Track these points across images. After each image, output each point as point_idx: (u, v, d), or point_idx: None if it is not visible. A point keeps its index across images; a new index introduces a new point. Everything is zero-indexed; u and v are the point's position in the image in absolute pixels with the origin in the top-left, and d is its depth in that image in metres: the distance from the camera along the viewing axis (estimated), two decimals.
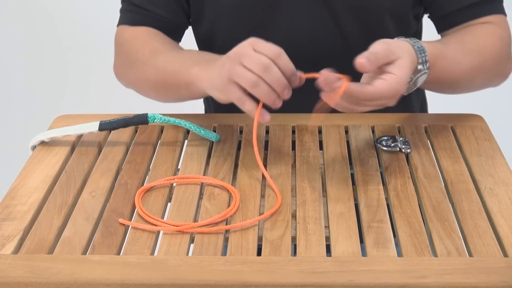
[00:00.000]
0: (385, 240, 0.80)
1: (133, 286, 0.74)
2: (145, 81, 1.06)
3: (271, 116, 1.06)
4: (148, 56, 1.05)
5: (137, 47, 1.08)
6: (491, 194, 0.88)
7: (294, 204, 0.87)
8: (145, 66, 1.05)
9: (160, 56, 1.04)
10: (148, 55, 1.05)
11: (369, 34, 1.09)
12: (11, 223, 0.83)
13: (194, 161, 0.97)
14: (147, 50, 1.06)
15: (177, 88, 1.01)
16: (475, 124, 1.05)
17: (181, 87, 1.00)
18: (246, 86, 0.86)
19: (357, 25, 1.07)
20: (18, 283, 0.74)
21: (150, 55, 1.05)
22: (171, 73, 1.00)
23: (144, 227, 0.82)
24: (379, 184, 0.91)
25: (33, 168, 0.95)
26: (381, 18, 1.07)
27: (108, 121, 1.00)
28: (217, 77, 0.90)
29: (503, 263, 0.76)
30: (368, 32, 1.08)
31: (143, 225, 0.82)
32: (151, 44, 1.07)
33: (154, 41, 1.08)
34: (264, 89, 0.86)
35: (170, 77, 1.01)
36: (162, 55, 1.04)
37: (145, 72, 1.05)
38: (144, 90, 1.09)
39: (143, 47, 1.07)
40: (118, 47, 1.12)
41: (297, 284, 0.73)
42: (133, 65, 1.08)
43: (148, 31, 1.10)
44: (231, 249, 0.79)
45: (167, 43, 1.09)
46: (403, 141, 0.99)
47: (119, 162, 0.97)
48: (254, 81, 0.86)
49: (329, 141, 1.01)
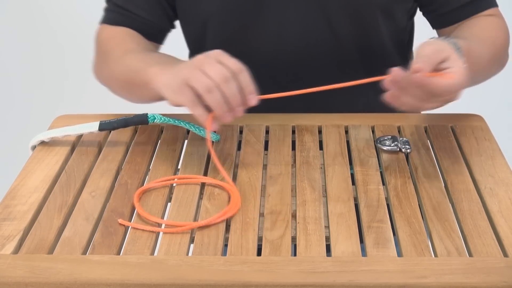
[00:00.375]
0: (385, 240, 0.80)
1: (133, 286, 0.74)
2: (114, 79, 1.07)
3: (271, 116, 1.06)
4: (120, 55, 1.05)
5: (112, 46, 1.08)
6: (491, 194, 0.88)
7: (294, 204, 0.87)
8: (115, 64, 1.05)
9: (130, 55, 1.04)
10: (120, 54, 1.05)
11: (361, 33, 1.09)
12: (11, 223, 0.83)
13: (194, 161, 0.97)
14: (120, 49, 1.06)
15: (139, 87, 1.00)
16: (475, 124, 1.05)
17: (141, 86, 0.98)
18: (200, 90, 0.85)
19: (349, 24, 1.07)
20: (18, 283, 0.74)
21: (121, 54, 1.05)
22: (134, 71, 1.00)
23: (144, 228, 0.82)
24: (379, 184, 0.91)
25: (33, 168, 0.95)
26: (374, 16, 1.07)
27: (108, 121, 1.00)
28: (173, 78, 0.89)
29: (503, 263, 0.76)
30: (360, 31, 1.08)
31: (143, 226, 0.82)
32: (125, 44, 1.08)
33: (129, 42, 1.08)
34: (218, 97, 0.85)
35: (133, 75, 1.00)
36: (132, 55, 1.04)
37: (114, 70, 1.05)
38: (115, 89, 1.09)
39: (117, 46, 1.07)
40: (96, 46, 1.12)
41: (297, 284, 0.73)
42: (105, 64, 1.08)
43: (126, 32, 1.11)
44: (231, 249, 0.79)
45: (142, 45, 1.09)
46: (403, 141, 0.99)
47: (119, 162, 0.97)
48: (210, 86, 0.85)
49: (329, 141, 1.01)
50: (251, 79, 0.87)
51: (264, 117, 1.07)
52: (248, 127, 1.05)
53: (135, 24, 1.11)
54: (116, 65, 1.05)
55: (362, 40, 1.09)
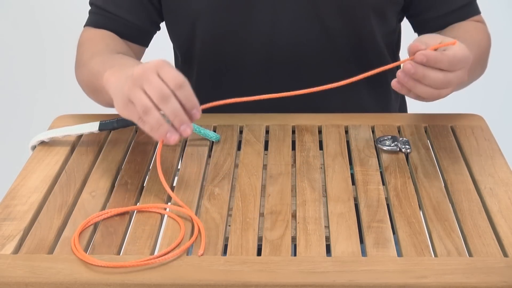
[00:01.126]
0: (385, 240, 0.80)
1: (133, 286, 0.74)
2: (82, 82, 1.07)
3: (271, 116, 1.06)
4: (87, 58, 1.05)
5: (84, 48, 1.08)
6: (491, 194, 0.88)
7: (294, 204, 0.87)
8: (82, 68, 1.05)
9: (95, 58, 1.03)
10: (88, 56, 1.05)
11: (354, 33, 1.09)
12: (11, 223, 0.83)
13: (194, 161, 0.97)
14: (90, 51, 1.06)
15: (100, 91, 0.98)
16: (475, 124, 1.05)
17: (100, 90, 0.97)
18: (139, 110, 0.82)
19: (342, 24, 1.07)
20: (18, 283, 0.74)
21: (89, 57, 1.04)
22: (95, 75, 0.99)
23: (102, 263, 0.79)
24: (379, 184, 0.91)
25: (33, 168, 0.95)
26: (367, 16, 1.08)
27: (108, 121, 1.00)
28: (119, 92, 0.86)
29: (503, 263, 0.76)
30: (353, 31, 1.08)
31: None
32: (96, 45, 1.07)
33: (100, 43, 1.08)
34: (154, 119, 0.82)
35: (93, 79, 1.00)
36: (97, 57, 1.03)
37: (81, 73, 1.06)
38: (85, 92, 1.08)
39: (89, 48, 1.07)
40: (77, 49, 1.11)
41: (297, 284, 0.73)
42: (77, 66, 1.08)
43: (103, 34, 1.10)
44: (231, 249, 0.79)
45: (111, 46, 1.07)
46: (403, 141, 0.99)
47: (119, 162, 0.97)
48: (147, 107, 0.81)
49: (329, 141, 1.01)
50: (192, 92, 0.84)
51: (264, 117, 1.07)
52: (248, 127, 1.05)
53: (116, 26, 1.10)
54: (83, 68, 1.05)
55: (355, 40, 1.09)
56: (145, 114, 0.82)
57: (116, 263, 0.76)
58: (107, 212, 0.85)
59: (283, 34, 1.07)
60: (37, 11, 3.16)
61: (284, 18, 1.07)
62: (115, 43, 1.09)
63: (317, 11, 1.06)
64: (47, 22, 3.11)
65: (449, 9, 1.10)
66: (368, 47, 1.11)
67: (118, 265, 0.75)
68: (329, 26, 1.07)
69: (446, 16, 1.11)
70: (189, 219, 0.84)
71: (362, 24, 1.08)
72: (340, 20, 1.07)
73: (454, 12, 1.11)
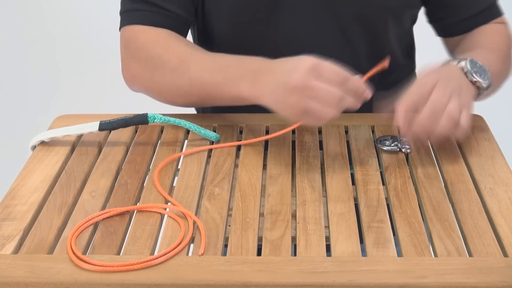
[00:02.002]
0: (385, 240, 0.80)
1: (133, 286, 0.74)
2: (175, 90, 1.01)
3: (271, 116, 1.06)
4: (176, 62, 1.00)
5: (159, 51, 1.02)
6: (491, 194, 0.88)
7: (294, 204, 0.87)
8: (174, 74, 1.00)
9: (191, 63, 0.99)
10: (176, 61, 1.00)
11: (371, 36, 1.09)
12: (11, 223, 0.83)
13: (194, 161, 0.97)
14: (173, 55, 1.01)
15: (220, 100, 0.98)
16: (475, 124, 1.05)
17: (224, 99, 0.97)
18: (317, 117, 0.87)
19: (360, 27, 1.07)
20: (18, 283, 0.74)
21: (178, 62, 1.00)
22: (211, 85, 0.97)
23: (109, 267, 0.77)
24: (379, 184, 0.91)
25: (33, 168, 0.95)
26: (385, 20, 1.07)
27: (108, 121, 1.00)
28: (283, 105, 0.88)
29: (503, 263, 0.76)
30: (370, 34, 1.08)
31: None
32: (175, 48, 1.02)
33: (178, 44, 1.03)
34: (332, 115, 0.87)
35: (210, 89, 0.97)
36: (194, 63, 0.99)
37: (175, 80, 1.00)
38: (170, 98, 1.04)
39: (167, 51, 1.01)
40: (133, 51, 1.04)
41: (297, 284, 0.73)
42: (156, 72, 1.02)
43: (166, 33, 1.05)
44: (231, 249, 0.79)
45: (190, 46, 1.04)
46: (403, 141, 0.99)
47: (119, 162, 0.97)
48: (327, 114, 0.86)
49: (329, 141, 1.01)
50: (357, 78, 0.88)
51: (264, 117, 1.06)
52: (248, 127, 1.05)
53: (167, 20, 1.06)
54: (176, 76, 1.00)
55: (373, 45, 1.09)
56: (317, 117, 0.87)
57: (115, 263, 0.76)
58: (103, 212, 0.85)
59: (303, 36, 1.07)
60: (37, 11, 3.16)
61: (303, 20, 1.06)
62: (190, 42, 1.06)
63: (334, 13, 1.06)
64: (48, 22, 3.11)
65: (472, 12, 1.10)
66: (385, 48, 1.10)
67: (117, 265, 0.75)
68: (346, 29, 1.07)
69: (469, 20, 1.10)
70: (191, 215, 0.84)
71: (379, 27, 1.08)
72: (356, 23, 1.07)
73: (477, 15, 1.10)
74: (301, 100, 0.85)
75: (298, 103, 0.86)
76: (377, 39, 1.09)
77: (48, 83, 2.88)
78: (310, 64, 0.86)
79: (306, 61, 0.86)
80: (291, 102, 0.86)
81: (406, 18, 1.11)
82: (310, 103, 0.85)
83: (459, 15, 1.10)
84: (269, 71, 0.91)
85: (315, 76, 0.85)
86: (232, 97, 0.96)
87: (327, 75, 0.86)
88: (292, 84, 0.86)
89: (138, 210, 0.86)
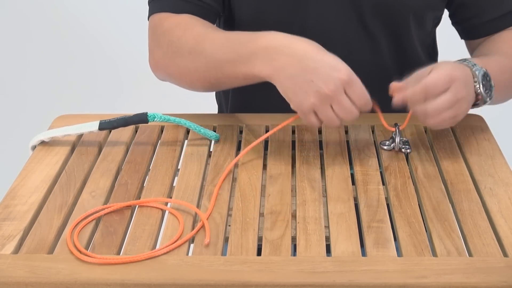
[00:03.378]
0: (385, 240, 0.80)
1: (133, 286, 0.74)
2: (193, 71, 1.00)
3: (271, 116, 1.06)
4: (193, 43, 0.99)
5: (179, 34, 1.01)
6: (491, 194, 0.88)
7: (294, 204, 0.87)
8: (191, 55, 0.99)
9: (206, 42, 0.98)
10: (192, 41, 0.99)
11: (393, 34, 1.08)
12: (11, 223, 0.83)
13: (194, 161, 0.97)
14: (190, 36, 1.00)
15: (234, 79, 0.97)
16: (475, 124, 1.05)
17: (238, 78, 0.96)
18: (321, 119, 0.90)
19: (382, 24, 1.07)
20: (18, 283, 0.74)
21: (194, 42, 0.99)
22: (225, 63, 0.96)
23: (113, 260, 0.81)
24: (379, 184, 0.91)
25: (33, 168, 0.95)
26: (406, 18, 1.07)
27: (108, 121, 1.00)
28: (299, 100, 0.89)
29: (503, 263, 0.76)
30: (392, 32, 1.08)
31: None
32: (193, 29, 1.01)
33: (196, 26, 1.01)
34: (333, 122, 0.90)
35: (224, 67, 0.96)
36: (209, 41, 0.98)
37: (194, 61, 0.99)
38: (189, 81, 1.03)
39: (185, 33, 1.00)
40: (158, 37, 1.04)
41: (297, 284, 0.73)
42: (176, 55, 1.01)
43: (189, 18, 1.04)
44: (231, 249, 0.79)
45: (208, 26, 1.02)
46: (403, 141, 0.99)
47: (119, 162, 0.97)
48: (332, 121, 0.89)
49: (329, 141, 1.01)
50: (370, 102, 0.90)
51: (264, 117, 1.07)
52: (248, 127, 1.05)
53: (194, 8, 1.05)
54: (194, 56, 0.99)
55: (393, 39, 1.09)
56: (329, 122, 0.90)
57: (117, 257, 0.76)
58: (105, 207, 0.85)
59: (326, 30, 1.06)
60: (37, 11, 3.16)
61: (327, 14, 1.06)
62: (209, 23, 1.04)
63: (357, 11, 1.05)
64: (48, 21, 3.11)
65: (496, 15, 1.09)
66: (407, 48, 1.10)
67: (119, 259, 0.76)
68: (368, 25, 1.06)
69: (493, 22, 1.09)
70: (191, 213, 0.84)
71: (401, 25, 1.08)
72: (379, 20, 1.06)
73: (501, 18, 1.09)
74: (321, 105, 0.88)
75: (313, 105, 0.88)
76: (399, 37, 1.09)
77: (48, 83, 2.88)
78: (346, 78, 0.87)
79: (342, 71, 0.88)
80: (309, 100, 0.88)
81: (428, 19, 1.11)
82: (327, 110, 0.88)
83: (483, 17, 1.09)
84: (290, 55, 0.90)
85: (343, 90, 0.88)
86: (245, 75, 0.95)
87: (353, 95, 0.88)
88: (324, 91, 0.87)
89: (139, 205, 0.86)
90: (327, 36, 1.06)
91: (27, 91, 2.86)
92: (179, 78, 1.03)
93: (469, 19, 1.11)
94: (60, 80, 2.90)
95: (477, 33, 1.11)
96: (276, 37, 0.92)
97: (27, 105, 2.77)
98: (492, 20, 1.09)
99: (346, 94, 0.88)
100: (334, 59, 0.89)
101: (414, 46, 1.11)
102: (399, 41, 1.09)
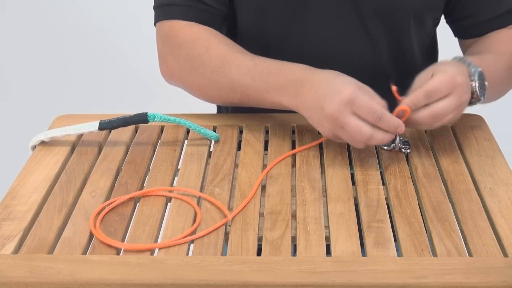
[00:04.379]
0: (385, 240, 0.80)
1: (133, 286, 0.74)
2: (216, 90, 1.02)
3: (271, 116, 1.06)
4: (218, 63, 1.00)
5: (200, 51, 1.02)
6: (491, 194, 0.88)
7: (294, 204, 0.87)
8: (215, 75, 1.00)
9: (232, 65, 0.99)
10: (217, 61, 1.00)
11: (393, 35, 1.08)
12: (11, 223, 0.83)
13: (194, 161, 0.97)
14: (214, 55, 1.01)
15: (260, 104, 1.00)
16: (475, 124, 1.05)
17: (265, 104, 0.99)
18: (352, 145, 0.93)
19: (382, 26, 1.07)
20: (18, 283, 0.74)
21: (219, 62, 1.00)
22: (252, 89, 0.98)
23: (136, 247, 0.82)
24: (379, 184, 0.91)
25: (33, 168, 0.95)
26: (407, 19, 1.07)
27: (108, 120, 1.00)
28: (321, 128, 0.93)
29: (503, 263, 0.76)
30: (392, 33, 1.08)
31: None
32: (216, 48, 1.01)
33: (219, 45, 1.02)
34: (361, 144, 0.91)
35: (251, 93, 0.99)
36: (235, 65, 0.99)
37: (217, 81, 1.01)
38: (209, 96, 1.05)
39: (207, 51, 1.01)
40: (172, 48, 1.04)
41: (297, 284, 0.73)
42: (196, 71, 1.02)
43: (206, 31, 1.04)
44: (231, 249, 0.79)
45: (231, 45, 1.03)
46: (403, 141, 0.99)
47: (119, 162, 0.97)
48: (356, 142, 0.90)
49: (329, 141, 1.01)
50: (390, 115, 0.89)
51: (264, 117, 1.07)
52: (248, 127, 1.05)
53: (207, 16, 1.05)
54: (218, 76, 1.00)
55: (394, 41, 1.09)
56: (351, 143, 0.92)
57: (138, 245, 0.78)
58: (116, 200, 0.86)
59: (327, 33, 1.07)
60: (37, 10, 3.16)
61: (328, 17, 1.06)
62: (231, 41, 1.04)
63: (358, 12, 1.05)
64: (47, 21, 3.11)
65: (492, 15, 1.09)
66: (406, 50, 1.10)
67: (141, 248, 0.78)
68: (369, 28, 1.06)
69: (488, 22, 1.09)
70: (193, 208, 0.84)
71: (401, 27, 1.08)
72: (379, 22, 1.06)
73: (497, 18, 1.09)
74: (333, 128, 0.90)
75: (330, 130, 0.91)
76: (398, 38, 1.09)
77: (48, 83, 2.88)
78: (348, 97, 0.88)
79: (345, 92, 0.88)
80: (325, 126, 0.91)
81: (428, 20, 1.11)
82: (340, 133, 0.90)
83: (480, 16, 1.09)
84: (311, 86, 0.93)
85: (350, 110, 0.88)
86: (273, 103, 0.98)
87: (361, 112, 0.88)
88: (326, 113, 0.89)
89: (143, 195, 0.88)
90: (328, 40, 1.07)
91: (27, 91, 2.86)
92: (198, 91, 1.05)
93: (465, 18, 1.11)
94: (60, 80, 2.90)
95: (473, 33, 1.11)
96: (303, 70, 0.95)
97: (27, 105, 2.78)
98: (489, 20, 1.09)
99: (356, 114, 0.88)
100: (342, 82, 0.90)
101: (412, 46, 1.11)
102: (398, 42, 1.09)
